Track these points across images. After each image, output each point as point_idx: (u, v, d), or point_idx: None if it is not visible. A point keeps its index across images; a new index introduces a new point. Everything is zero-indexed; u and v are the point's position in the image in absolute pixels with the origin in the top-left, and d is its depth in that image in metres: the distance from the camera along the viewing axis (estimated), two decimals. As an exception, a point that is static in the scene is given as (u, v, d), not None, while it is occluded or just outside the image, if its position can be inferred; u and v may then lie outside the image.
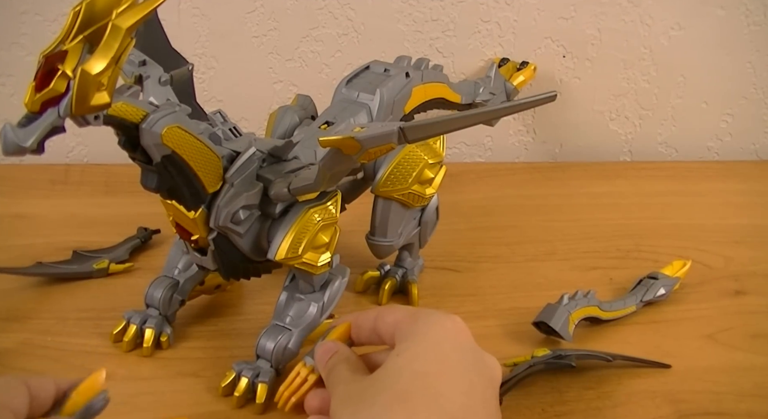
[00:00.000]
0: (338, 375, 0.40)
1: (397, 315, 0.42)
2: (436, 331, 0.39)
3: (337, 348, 0.43)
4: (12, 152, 0.34)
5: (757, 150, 0.92)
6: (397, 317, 0.41)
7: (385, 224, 0.56)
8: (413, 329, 0.39)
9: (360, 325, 0.44)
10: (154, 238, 0.66)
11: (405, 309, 0.42)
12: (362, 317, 0.44)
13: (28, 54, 0.75)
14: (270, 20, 0.77)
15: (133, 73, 0.48)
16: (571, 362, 0.51)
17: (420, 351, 0.37)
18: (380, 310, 0.43)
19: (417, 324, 0.39)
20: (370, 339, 0.44)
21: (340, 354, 0.42)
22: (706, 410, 0.50)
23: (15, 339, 0.53)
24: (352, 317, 0.45)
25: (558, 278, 0.64)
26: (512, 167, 0.86)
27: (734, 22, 0.84)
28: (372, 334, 0.43)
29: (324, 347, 0.43)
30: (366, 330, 0.43)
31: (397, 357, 0.38)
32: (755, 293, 0.64)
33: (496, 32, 0.81)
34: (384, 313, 0.42)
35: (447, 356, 0.37)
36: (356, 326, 0.44)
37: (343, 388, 0.39)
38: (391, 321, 0.41)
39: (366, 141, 0.39)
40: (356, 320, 0.44)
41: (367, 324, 0.43)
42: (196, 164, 0.44)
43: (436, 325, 0.39)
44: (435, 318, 0.40)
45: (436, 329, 0.39)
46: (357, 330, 0.44)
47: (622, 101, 0.87)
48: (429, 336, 0.38)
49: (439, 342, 0.38)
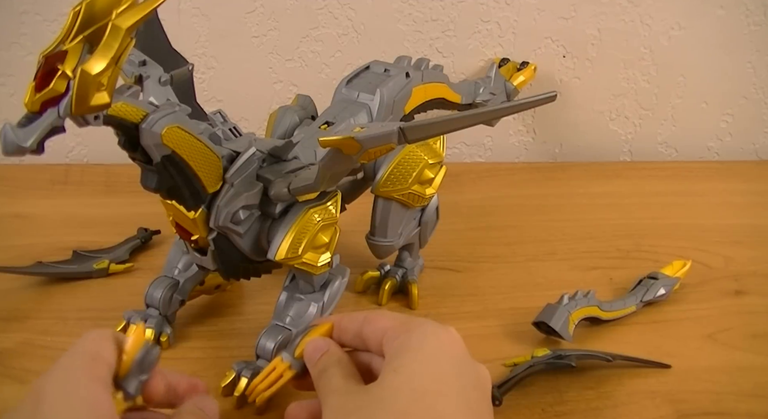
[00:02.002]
0: (330, 382, 0.38)
1: (387, 321, 0.40)
2: (432, 344, 0.37)
3: (328, 346, 0.41)
4: (12, 152, 0.34)
5: (757, 150, 0.92)
6: (386, 324, 0.40)
7: (385, 224, 0.56)
8: (407, 342, 0.37)
9: (344, 328, 0.42)
10: (154, 238, 0.66)
11: (395, 317, 0.41)
12: (347, 319, 0.42)
13: (28, 54, 0.75)
14: (270, 20, 0.77)
15: (133, 73, 0.48)
16: (571, 362, 0.51)
17: (417, 367, 0.36)
18: (367, 314, 0.41)
19: (411, 336, 0.38)
20: (353, 342, 0.42)
21: (332, 354, 0.41)
22: (706, 410, 0.50)
23: (15, 339, 0.53)
24: (335, 318, 0.43)
25: (558, 278, 0.64)
26: (512, 167, 0.86)
27: (734, 22, 0.84)
28: (356, 338, 0.41)
29: (314, 344, 0.42)
30: (350, 333, 0.42)
31: (395, 373, 0.36)
32: (755, 293, 0.64)
33: (496, 32, 0.81)
34: (372, 318, 0.41)
35: (445, 372, 0.36)
36: (340, 328, 0.42)
37: (337, 400, 0.37)
38: (380, 327, 0.40)
39: (366, 141, 0.39)
40: (340, 322, 0.43)
41: (352, 327, 0.41)
42: (196, 164, 0.44)
43: (432, 338, 0.37)
44: (430, 330, 0.38)
45: (432, 342, 0.37)
46: (340, 332, 0.42)
47: (622, 101, 0.87)
48: (425, 350, 0.37)
49: (436, 356, 0.37)
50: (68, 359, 0.35)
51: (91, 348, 0.35)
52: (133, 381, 0.36)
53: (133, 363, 0.35)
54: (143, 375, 0.36)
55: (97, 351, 0.35)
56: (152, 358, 0.36)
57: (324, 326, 0.43)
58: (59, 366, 0.34)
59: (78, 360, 0.34)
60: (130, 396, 0.36)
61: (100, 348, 0.35)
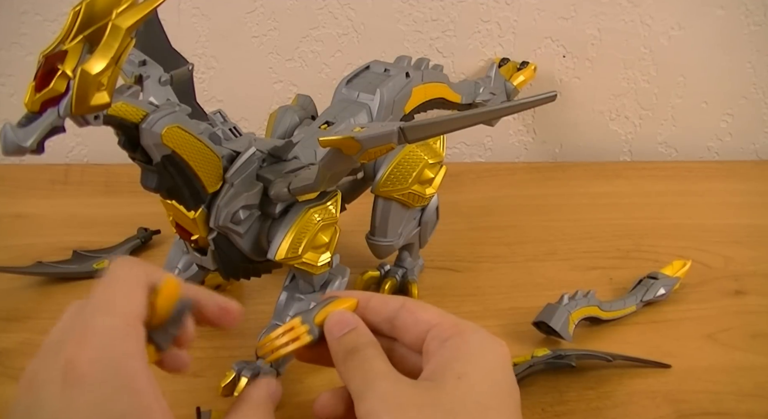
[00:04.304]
0: (372, 365, 0.35)
1: (432, 316, 0.37)
2: (491, 356, 0.35)
3: (357, 323, 0.37)
4: (12, 152, 0.34)
5: (757, 150, 0.92)
6: (431, 318, 0.37)
7: (385, 224, 0.56)
8: (465, 347, 0.35)
9: (374, 308, 0.38)
10: (154, 238, 0.66)
11: (440, 312, 0.37)
12: (378, 300, 0.38)
13: (28, 54, 0.75)
14: (270, 20, 0.77)
15: (133, 73, 0.48)
16: (571, 362, 0.51)
17: (479, 378, 0.34)
18: (406, 301, 0.38)
19: (468, 341, 0.35)
20: (381, 326, 0.38)
21: (361, 334, 0.37)
22: (706, 410, 0.50)
23: (15, 339, 0.53)
24: (360, 295, 0.39)
25: (558, 278, 0.64)
26: (512, 167, 0.86)
27: (734, 22, 0.84)
28: (386, 323, 0.38)
29: (340, 316, 0.37)
30: (381, 316, 0.38)
31: (458, 381, 0.33)
32: (755, 293, 0.64)
33: (496, 32, 0.81)
34: (414, 308, 0.37)
35: (501, 388, 0.35)
36: (368, 307, 0.38)
37: (389, 387, 0.33)
38: (424, 320, 0.37)
39: (366, 141, 0.39)
40: (368, 301, 0.38)
41: (385, 310, 0.38)
42: (196, 164, 0.44)
43: (489, 348, 0.35)
44: (487, 339, 0.36)
45: (491, 353, 0.35)
46: (367, 312, 0.38)
47: (622, 101, 0.87)
48: (486, 361, 0.35)
49: (495, 370, 0.35)
50: (101, 324, 0.30)
51: (124, 305, 0.32)
52: (166, 336, 0.34)
53: (169, 319, 0.33)
54: (175, 330, 0.34)
55: (131, 310, 0.31)
56: (185, 314, 0.34)
57: (348, 301, 0.39)
58: (94, 335, 0.30)
59: (113, 330, 0.30)
60: (163, 349, 0.34)
61: (132, 304, 0.32)
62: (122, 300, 0.32)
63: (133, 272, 0.33)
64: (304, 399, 0.50)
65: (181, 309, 0.34)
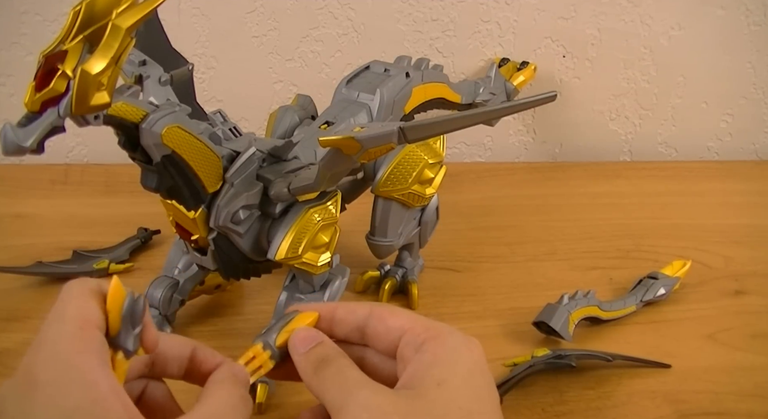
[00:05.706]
0: (347, 375, 0.34)
1: (403, 321, 0.36)
2: (468, 358, 0.35)
3: (322, 338, 0.36)
4: (12, 152, 0.34)
5: (757, 150, 0.92)
6: (403, 324, 0.36)
7: (385, 224, 0.56)
8: (440, 351, 0.34)
9: (341, 319, 0.37)
10: (154, 238, 0.66)
11: (411, 316, 0.37)
12: (344, 310, 0.37)
13: (28, 54, 0.75)
14: (270, 20, 0.77)
15: (133, 73, 0.48)
16: (571, 362, 0.51)
17: (459, 383, 0.33)
18: (374, 308, 0.37)
19: (443, 345, 0.35)
20: (350, 336, 0.37)
21: (330, 346, 0.36)
22: (706, 410, 0.50)
23: (15, 339, 0.53)
24: (326, 308, 0.38)
25: (558, 278, 0.64)
26: (512, 167, 0.86)
27: (734, 22, 0.84)
28: (356, 332, 0.37)
29: (304, 334, 0.36)
30: (349, 326, 0.37)
31: (439, 388, 0.33)
32: (755, 293, 0.64)
33: (496, 32, 0.81)
34: (382, 314, 0.37)
35: (482, 390, 0.34)
36: (334, 320, 0.37)
37: (370, 397, 0.32)
38: (395, 326, 0.36)
39: (366, 141, 0.39)
40: (334, 313, 0.37)
41: (352, 319, 0.37)
42: (196, 164, 0.44)
43: (465, 350, 0.35)
44: (460, 342, 0.35)
45: (467, 355, 0.35)
46: (333, 324, 0.37)
47: (622, 101, 0.87)
48: (463, 365, 0.34)
49: (473, 372, 0.34)
50: (54, 331, 0.31)
51: (75, 312, 0.32)
52: (127, 337, 0.33)
53: (122, 318, 0.33)
54: (136, 328, 0.33)
55: (83, 316, 0.32)
56: (139, 308, 0.33)
57: (309, 316, 0.38)
58: (46, 342, 0.31)
59: (65, 333, 0.31)
60: (130, 353, 0.33)
61: (84, 311, 0.32)
62: (73, 310, 0.32)
63: (85, 286, 0.34)
64: (304, 399, 0.50)
65: (131, 305, 0.33)
